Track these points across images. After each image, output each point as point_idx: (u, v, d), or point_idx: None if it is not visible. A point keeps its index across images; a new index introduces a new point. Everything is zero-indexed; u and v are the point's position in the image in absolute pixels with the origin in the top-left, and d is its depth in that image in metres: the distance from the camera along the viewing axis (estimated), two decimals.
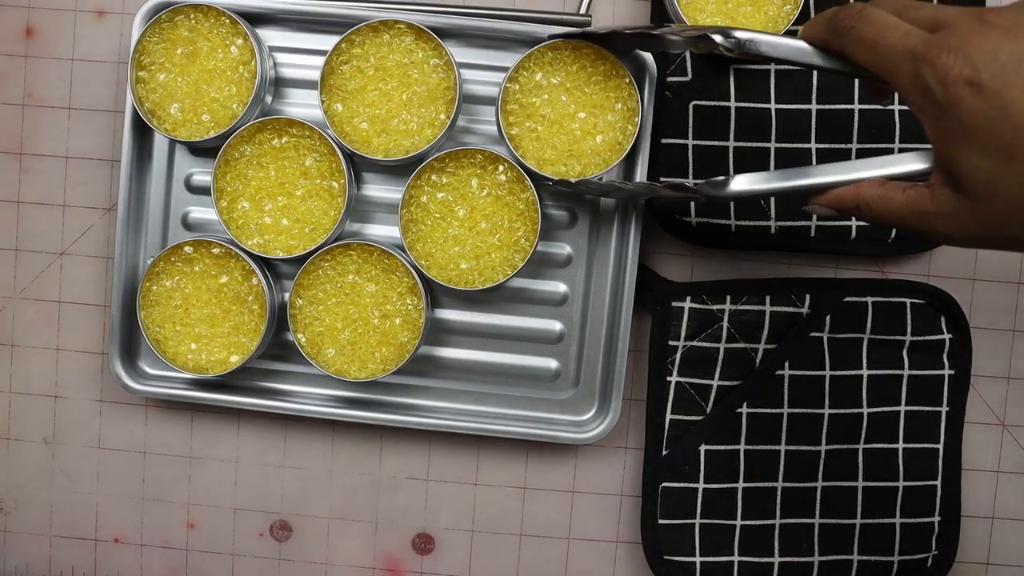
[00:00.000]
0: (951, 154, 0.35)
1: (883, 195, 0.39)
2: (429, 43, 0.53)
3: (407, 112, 0.54)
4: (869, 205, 0.40)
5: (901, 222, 0.39)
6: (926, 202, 0.37)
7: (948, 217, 0.37)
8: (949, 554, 0.57)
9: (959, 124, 0.34)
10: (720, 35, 0.42)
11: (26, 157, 0.59)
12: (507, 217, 0.54)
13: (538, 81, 0.53)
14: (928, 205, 0.37)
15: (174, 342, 0.55)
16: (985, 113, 0.33)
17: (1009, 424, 0.59)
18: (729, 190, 0.43)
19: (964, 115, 0.34)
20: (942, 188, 0.37)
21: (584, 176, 0.53)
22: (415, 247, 0.54)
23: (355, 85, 0.54)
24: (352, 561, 0.60)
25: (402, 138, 0.54)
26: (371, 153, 0.53)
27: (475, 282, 0.54)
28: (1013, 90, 0.33)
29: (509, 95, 0.53)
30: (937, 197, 0.37)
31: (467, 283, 0.54)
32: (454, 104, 0.53)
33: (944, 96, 0.34)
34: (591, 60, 0.53)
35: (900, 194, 0.38)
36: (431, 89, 0.54)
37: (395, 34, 0.53)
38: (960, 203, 0.36)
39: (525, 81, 0.53)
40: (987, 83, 0.33)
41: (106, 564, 0.61)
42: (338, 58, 0.53)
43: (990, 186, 0.34)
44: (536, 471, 0.60)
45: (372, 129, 0.54)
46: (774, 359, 0.56)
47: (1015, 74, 0.33)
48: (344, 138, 0.53)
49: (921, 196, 0.37)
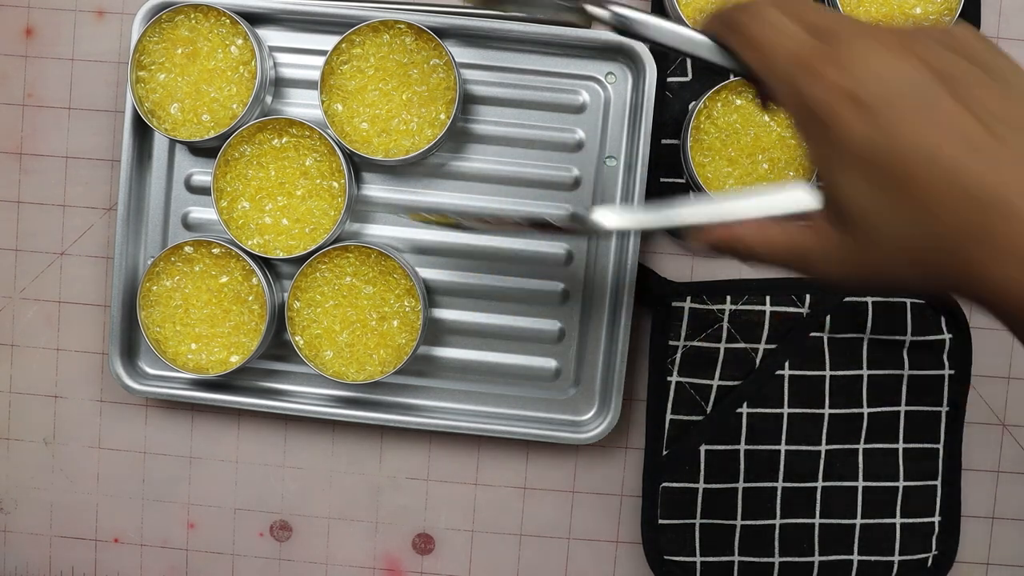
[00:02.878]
0: (830, 177, 0.32)
1: (763, 238, 0.35)
2: (429, 43, 0.53)
3: (407, 112, 0.54)
4: (750, 248, 0.36)
5: (785, 265, 0.35)
6: (809, 242, 0.33)
7: (830, 257, 0.33)
8: (949, 554, 0.57)
9: (839, 145, 0.30)
10: (599, 7, 0.39)
11: (26, 157, 0.59)
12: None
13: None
14: (811, 245, 0.33)
15: (174, 342, 0.55)
16: (865, 135, 0.30)
17: (1009, 424, 0.59)
18: (594, 224, 0.39)
19: (844, 135, 0.30)
20: (824, 224, 0.33)
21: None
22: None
23: (355, 85, 0.54)
24: (352, 561, 0.60)
25: (402, 138, 0.54)
26: (371, 153, 0.53)
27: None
28: (897, 113, 0.29)
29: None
30: (818, 234, 0.33)
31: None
32: (454, 104, 0.53)
33: (824, 112, 0.31)
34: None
35: (780, 232, 0.35)
36: (431, 89, 0.54)
37: (395, 34, 0.53)
38: (842, 240, 0.32)
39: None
40: (870, 103, 0.30)
41: (106, 564, 0.61)
42: (338, 58, 0.53)
43: (871, 218, 0.31)
44: (536, 471, 0.60)
45: (372, 129, 0.54)
46: (774, 359, 0.56)
47: (900, 96, 0.30)
48: (344, 138, 0.53)
49: (803, 235, 0.34)
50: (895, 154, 0.30)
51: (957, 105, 0.29)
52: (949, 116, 0.29)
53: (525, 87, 0.56)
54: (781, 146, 0.54)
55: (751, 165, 0.54)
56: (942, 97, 0.30)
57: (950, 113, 0.29)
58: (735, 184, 0.54)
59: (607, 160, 0.56)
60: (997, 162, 0.29)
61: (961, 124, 0.29)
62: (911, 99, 0.30)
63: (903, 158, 0.29)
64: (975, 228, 0.29)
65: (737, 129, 0.54)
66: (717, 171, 0.54)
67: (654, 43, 0.39)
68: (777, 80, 0.33)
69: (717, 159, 0.54)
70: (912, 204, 0.30)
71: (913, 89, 0.30)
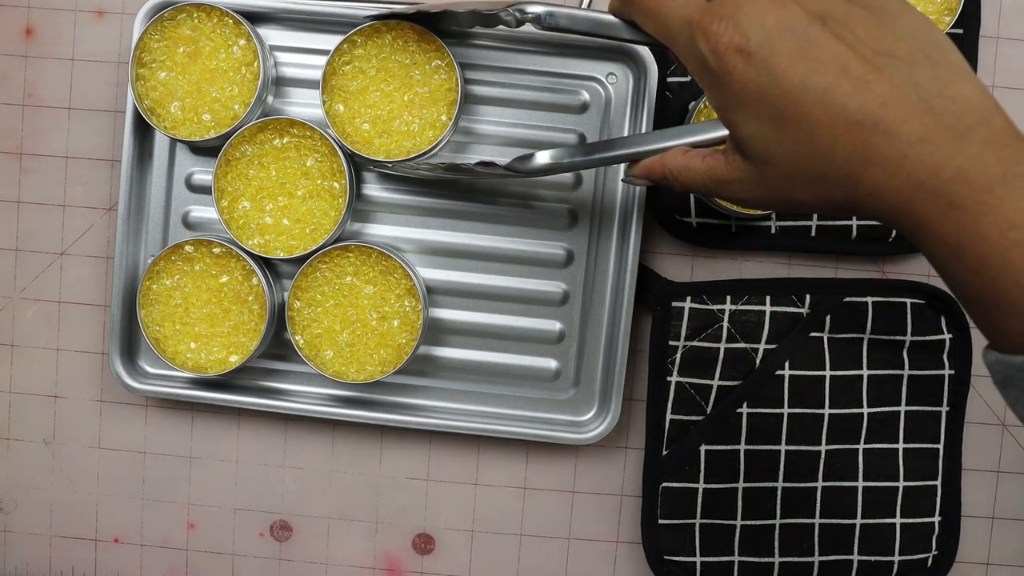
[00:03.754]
0: (731, 121, 0.36)
1: (685, 164, 0.40)
2: (432, 44, 0.53)
3: (408, 113, 0.54)
4: (674, 175, 0.41)
5: (706, 189, 0.39)
6: (721, 169, 0.38)
7: (741, 182, 0.37)
8: (949, 554, 0.57)
9: (733, 92, 0.34)
10: (516, 11, 0.43)
11: (26, 157, 0.59)
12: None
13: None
14: (723, 171, 0.38)
15: (173, 341, 0.55)
16: (755, 80, 0.33)
17: (1009, 424, 0.59)
18: (535, 164, 0.44)
19: (736, 83, 0.34)
20: (733, 154, 0.37)
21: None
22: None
23: (357, 86, 0.54)
24: (352, 561, 0.60)
25: (403, 139, 0.54)
26: (372, 154, 0.53)
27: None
28: (779, 57, 0.33)
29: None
30: (729, 163, 0.37)
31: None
32: (455, 105, 0.53)
33: (717, 65, 0.34)
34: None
35: (700, 162, 0.39)
36: (433, 90, 0.54)
37: (397, 35, 0.53)
38: (748, 168, 0.36)
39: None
40: (755, 50, 0.33)
41: (106, 564, 0.61)
42: (340, 58, 0.53)
43: (768, 151, 0.35)
44: (536, 471, 0.60)
45: (374, 130, 0.54)
46: (774, 359, 0.56)
47: (781, 41, 0.33)
48: (345, 139, 0.53)
49: (717, 163, 0.38)
50: (781, 93, 0.33)
51: (835, 41, 0.33)
52: (827, 52, 0.32)
53: (526, 87, 0.56)
54: None
55: None
56: (821, 36, 0.33)
57: (828, 49, 0.33)
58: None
59: None
60: (874, 88, 0.32)
61: (839, 58, 0.32)
62: (791, 42, 0.33)
63: (789, 96, 0.33)
64: (860, 150, 0.32)
65: None
66: None
67: (572, 32, 0.43)
68: (673, 42, 0.37)
69: None
70: (802, 135, 0.33)
71: (792, 33, 0.33)
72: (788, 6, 0.34)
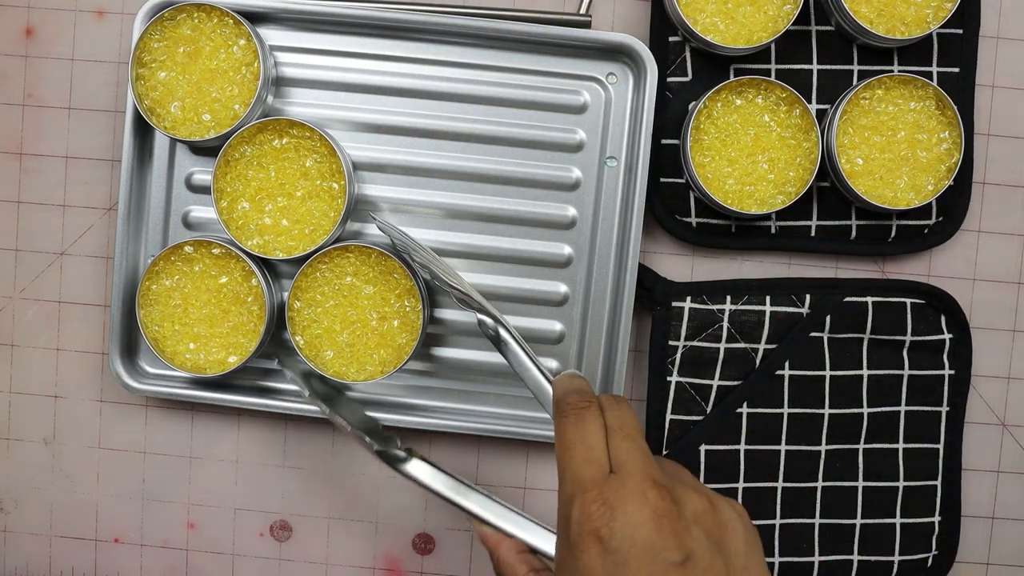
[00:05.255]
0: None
1: (512, 566, 0.42)
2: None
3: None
4: (499, 566, 0.43)
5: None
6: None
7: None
8: (949, 554, 0.57)
9: (576, 568, 0.35)
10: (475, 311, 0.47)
11: (26, 157, 0.59)
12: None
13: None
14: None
15: (172, 341, 0.55)
16: (598, 572, 0.34)
17: (1009, 424, 0.59)
18: (405, 469, 0.47)
19: (581, 564, 0.35)
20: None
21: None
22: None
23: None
24: (352, 561, 0.60)
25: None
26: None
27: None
28: (629, 569, 0.34)
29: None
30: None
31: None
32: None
33: (576, 537, 0.35)
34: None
35: (526, 570, 0.42)
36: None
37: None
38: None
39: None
40: (613, 550, 0.34)
41: (106, 564, 0.61)
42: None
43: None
44: (536, 471, 0.60)
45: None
46: (774, 359, 0.56)
47: (639, 558, 0.34)
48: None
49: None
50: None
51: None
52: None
53: (526, 87, 0.56)
54: (781, 146, 0.54)
55: (751, 165, 0.54)
56: (674, 574, 0.34)
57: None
58: (735, 184, 0.54)
59: (608, 160, 0.56)
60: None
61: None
62: (646, 563, 0.34)
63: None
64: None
65: (737, 129, 0.54)
66: (717, 171, 0.54)
67: (512, 369, 0.47)
68: (561, 484, 0.38)
69: (717, 159, 0.54)
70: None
71: (652, 557, 0.34)
72: (664, 528, 0.34)
